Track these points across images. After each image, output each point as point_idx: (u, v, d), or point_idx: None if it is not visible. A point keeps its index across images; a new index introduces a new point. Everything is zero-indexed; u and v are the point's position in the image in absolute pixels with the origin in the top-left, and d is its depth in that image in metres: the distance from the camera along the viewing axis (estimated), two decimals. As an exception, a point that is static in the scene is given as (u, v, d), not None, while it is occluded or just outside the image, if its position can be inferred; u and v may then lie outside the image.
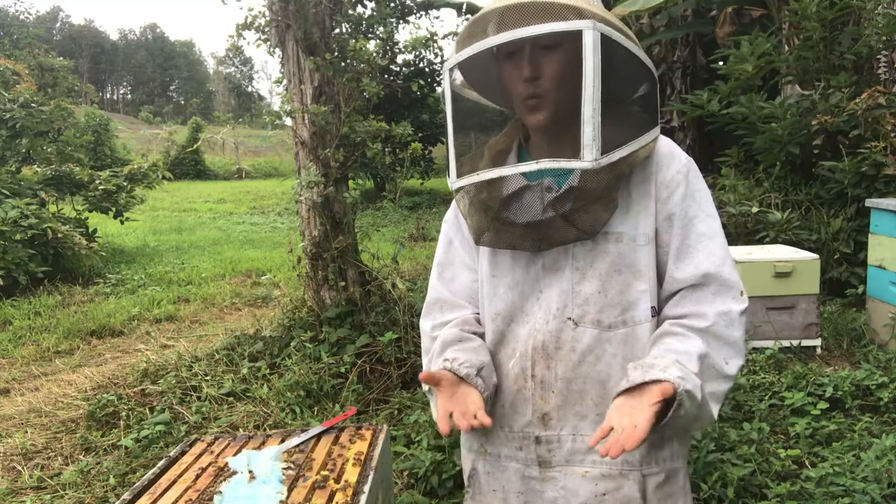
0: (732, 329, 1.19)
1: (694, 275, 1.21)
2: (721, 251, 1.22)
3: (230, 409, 3.61)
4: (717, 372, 1.18)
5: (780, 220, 5.55)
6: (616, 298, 1.22)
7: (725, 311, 1.19)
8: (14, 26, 45.14)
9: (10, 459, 3.28)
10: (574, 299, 1.22)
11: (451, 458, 2.81)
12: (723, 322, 1.19)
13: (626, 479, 1.22)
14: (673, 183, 1.22)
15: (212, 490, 1.60)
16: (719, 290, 1.20)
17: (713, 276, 1.20)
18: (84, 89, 34.20)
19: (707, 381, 1.14)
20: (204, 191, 18.28)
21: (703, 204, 1.24)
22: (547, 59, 1.15)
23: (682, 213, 1.22)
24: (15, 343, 5.29)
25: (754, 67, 6.55)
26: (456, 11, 13.40)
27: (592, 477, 1.22)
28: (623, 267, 1.21)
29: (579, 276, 1.22)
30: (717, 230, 1.24)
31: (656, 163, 1.23)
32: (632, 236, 1.21)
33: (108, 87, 79.35)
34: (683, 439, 1.28)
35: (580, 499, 1.23)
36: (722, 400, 1.20)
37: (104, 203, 8.64)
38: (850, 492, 2.41)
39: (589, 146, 1.09)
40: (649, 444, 1.21)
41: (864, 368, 3.58)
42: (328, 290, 4.19)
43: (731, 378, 1.20)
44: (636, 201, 1.22)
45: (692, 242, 1.22)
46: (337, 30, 4.25)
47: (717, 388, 1.18)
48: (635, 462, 1.22)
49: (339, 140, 4.06)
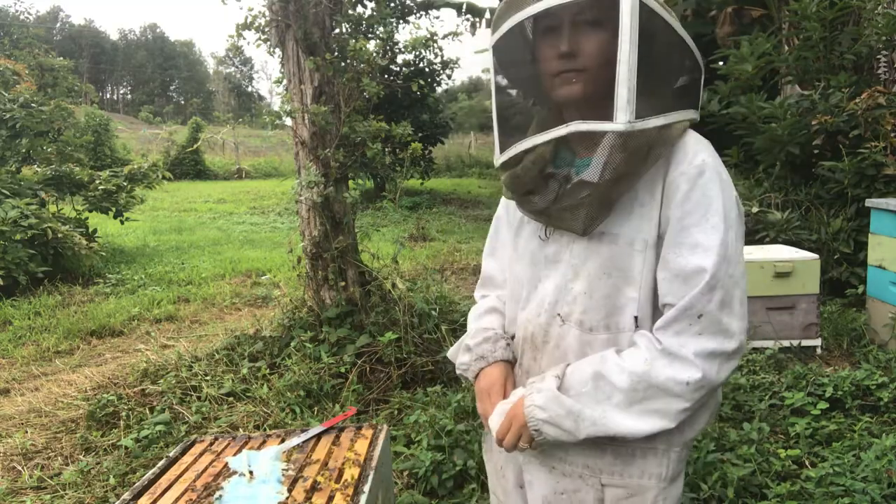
0: (675, 385, 1.08)
1: (675, 297, 1.10)
2: (711, 273, 1.07)
3: (230, 409, 3.61)
4: (607, 395, 1.11)
5: (780, 220, 5.55)
6: (601, 302, 1.17)
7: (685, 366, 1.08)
8: (14, 26, 45.14)
9: (10, 459, 3.28)
10: (565, 296, 1.21)
11: (451, 458, 2.81)
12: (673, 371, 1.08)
13: (585, 483, 1.23)
14: (674, 185, 1.11)
15: (212, 490, 1.60)
16: (705, 327, 1.08)
17: (695, 309, 1.08)
18: (84, 89, 34.19)
19: (596, 403, 1.11)
20: (204, 191, 18.27)
21: (708, 212, 1.09)
22: (585, 36, 1.10)
23: (676, 221, 1.11)
24: (15, 343, 5.28)
25: (754, 67, 6.55)
26: (456, 11, 13.40)
27: (556, 474, 1.26)
28: (613, 270, 1.15)
29: (573, 274, 1.20)
30: (715, 245, 1.08)
31: (668, 160, 1.13)
32: (629, 240, 1.14)
33: (108, 87, 79.36)
34: (661, 458, 1.20)
35: (543, 491, 1.27)
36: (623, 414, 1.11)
37: (104, 203, 8.63)
38: (850, 492, 2.41)
39: (623, 108, 1.03)
40: (615, 455, 1.20)
41: (864, 368, 3.58)
42: (328, 290, 4.19)
43: (623, 395, 1.10)
44: (642, 202, 1.13)
45: (681, 255, 1.10)
46: (337, 30, 4.25)
47: (603, 408, 1.11)
48: (596, 469, 1.21)
49: (339, 140, 4.06)
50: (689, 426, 1.20)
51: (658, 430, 1.09)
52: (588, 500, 1.22)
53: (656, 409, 1.09)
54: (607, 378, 1.11)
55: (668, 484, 1.21)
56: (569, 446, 1.21)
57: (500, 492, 1.43)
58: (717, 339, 1.08)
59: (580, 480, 1.23)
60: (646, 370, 1.08)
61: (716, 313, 1.07)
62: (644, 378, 1.08)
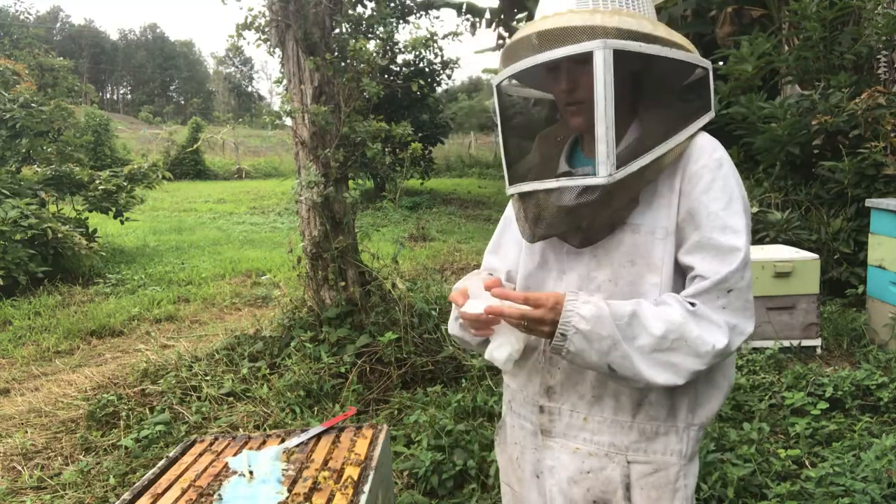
0: (702, 344, 1.13)
1: (710, 272, 1.16)
2: (745, 253, 1.16)
3: (230, 409, 3.61)
4: (646, 332, 1.13)
5: (780, 220, 5.55)
6: (626, 289, 1.22)
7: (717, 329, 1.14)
8: (14, 26, 45.08)
9: (10, 459, 3.28)
10: (588, 285, 1.26)
11: (451, 458, 2.81)
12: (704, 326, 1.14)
13: (611, 461, 1.26)
14: (696, 176, 1.20)
15: (212, 490, 1.60)
16: (730, 302, 1.15)
17: (728, 283, 1.15)
18: (84, 89, 34.18)
19: (625, 339, 1.12)
20: (204, 191, 18.27)
21: (732, 200, 1.18)
22: (582, 71, 1.18)
23: (703, 206, 1.19)
24: (15, 343, 5.28)
25: (754, 67, 6.55)
26: (456, 11, 13.41)
27: (581, 454, 1.28)
28: (637, 258, 1.22)
29: (596, 264, 1.25)
30: (743, 228, 1.17)
31: (688, 155, 1.21)
32: (650, 228, 1.21)
33: (108, 87, 79.33)
34: (681, 435, 1.25)
35: (568, 472, 1.29)
36: (653, 363, 1.13)
37: (104, 203, 8.64)
38: (850, 492, 2.42)
39: (603, 163, 1.14)
40: (640, 433, 1.24)
41: (864, 368, 3.58)
42: (328, 290, 4.19)
43: (659, 340, 1.12)
44: (661, 194, 1.22)
45: (713, 235, 1.17)
46: (337, 30, 4.25)
47: (639, 344, 1.13)
48: (622, 447, 1.25)
49: (339, 140, 4.06)
50: (704, 406, 1.26)
51: (668, 384, 1.13)
52: (615, 477, 1.25)
53: (674, 363, 1.13)
54: (642, 320, 1.14)
55: (687, 461, 1.26)
56: (596, 426, 1.25)
57: (515, 482, 1.44)
58: (739, 315, 1.16)
59: (606, 458, 1.26)
60: (682, 322, 1.13)
61: (745, 290, 1.16)
62: (678, 329, 1.13)
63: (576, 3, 1.20)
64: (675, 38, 1.19)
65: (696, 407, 1.25)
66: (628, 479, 1.25)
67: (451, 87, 19.07)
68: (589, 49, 1.11)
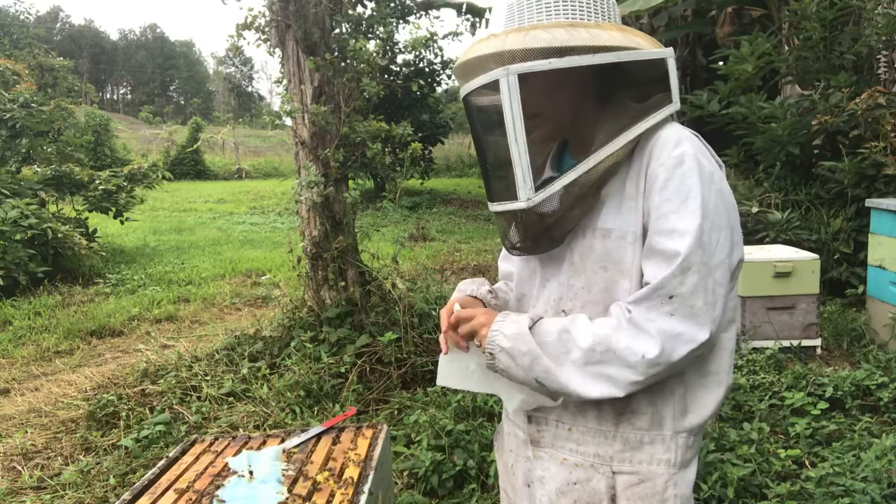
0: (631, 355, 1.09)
1: (651, 277, 1.12)
2: (684, 257, 1.09)
3: (230, 409, 3.61)
4: (566, 349, 1.13)
5: (780, 220, 5.55)
6: (599, 296, 1.21)
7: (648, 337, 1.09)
8: (14, 26, 45.10)
9: (10, 459, 3.28)
10: (567, 292, 1.26)
11: (451, 458, 2.81)
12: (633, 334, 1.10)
13: (597, 471, 1.24)
14: (653, 175, 1.14)
15: (212, 490, 1.60)
16: (676, 309, 1.09)
17: (666, 289, 1.09)
18: (84, 89, 34.20)
19: (555, 354, 1.14)
20: (204, 191, 18.28)
21: (686, 200, 1.11)
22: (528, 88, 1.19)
23: (655, 208, 1.13)
24: (15, 343, 5.28)
25: (754, 67, 6.55)
26: (456, 11, 13.40)
27: (568, 465, 1.27)
28: (609, 264, 1.20)
29: (573, 271, 1.25)
30: (691, 230, 1.09)
31: (650, 152, 1.16)
32: (621, 233, 1.18)
33: (108, 87, 79.32)
34: (669, 444, 1.21)
35: (556, 483, 1.28)
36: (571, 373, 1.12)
37: (104, 203, 8.64)
38: (850, 492, 2.42)
39: (522, 187, 1.16)
40: (623, 443, 1.23)
41: (864, 368, 3.58)
42: (328, 290, 4.19)
43: (582, 356, 1.12)
44: (629, 196, 1.18)
45: (659, 240, 1.12)
46: (337, 30, 4.25)
47: (554, 362, 1.13)
48: (607, 457, 1.24)
49: (339, 140, 4.06)
50: (695, 412, 1.21)
51: (606, 396, 1.11)
52: (600, 488, 1.24)
53: (608, 375, 1.11)
54: (572, 334, 1.14)
55: (677, 469, 1.22)
56: (580, 436, 1.25)
57: (510, 489, 1.44)
58: (687, 323, 1.09)
59: (592, 469, 1.25)
60: (608, 334, 1.11)
61: (687, 297, 1.09)
62: (605, 340, 1.11)
63: (504, 24, 1.21)
64: (612, 39, 1.14)
65: (686, 413, 1.21)
66: (614, 490, 1.23)
67: (451, 87, 19.04)
68: (494, 78, 1.13)
